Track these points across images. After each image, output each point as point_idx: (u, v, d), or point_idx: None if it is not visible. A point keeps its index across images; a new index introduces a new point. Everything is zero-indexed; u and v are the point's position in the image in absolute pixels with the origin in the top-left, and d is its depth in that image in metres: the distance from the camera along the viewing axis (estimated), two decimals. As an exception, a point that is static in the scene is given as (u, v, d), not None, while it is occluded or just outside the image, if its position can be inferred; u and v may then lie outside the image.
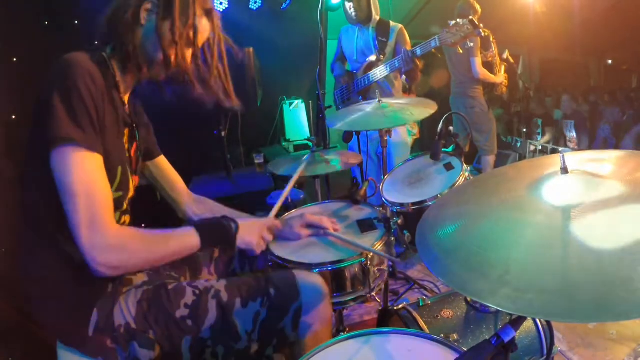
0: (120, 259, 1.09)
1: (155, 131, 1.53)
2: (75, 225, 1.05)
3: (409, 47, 3.13)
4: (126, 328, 1.15)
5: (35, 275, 1.15)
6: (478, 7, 3.89)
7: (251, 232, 1.37)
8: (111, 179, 1.16)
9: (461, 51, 2.73)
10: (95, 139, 1.09)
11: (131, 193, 1.31)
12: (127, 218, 1.31)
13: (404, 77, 3.31)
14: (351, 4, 3.13)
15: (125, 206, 1.28)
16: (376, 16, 3.19)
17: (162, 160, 1.56)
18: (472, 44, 2.63)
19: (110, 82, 1.20)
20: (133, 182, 1.33)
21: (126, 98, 1.30)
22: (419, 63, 2.98)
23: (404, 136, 3.39)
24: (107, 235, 1.07)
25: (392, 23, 3.21)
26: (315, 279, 1.31)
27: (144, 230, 1.18)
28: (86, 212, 1.05)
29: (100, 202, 1.08)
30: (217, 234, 1.30)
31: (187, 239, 1.23)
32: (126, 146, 1.29)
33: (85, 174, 1.06)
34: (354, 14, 3.15)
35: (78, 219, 1.05)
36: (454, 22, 2.56)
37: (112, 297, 1.17)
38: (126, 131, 1.28)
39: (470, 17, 2.57)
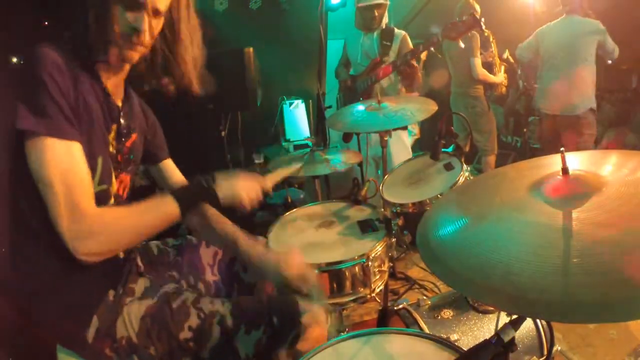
0: (101, 245, 1.07)
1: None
2: (54, 215, 1.03)
3: None
4: (128, 341, 1.14)
5: (30, 276, 1.14)
6: (477, 7, 3.89)
7: (237, 186, 1.30)
8: (91, 170, 1.13)
9: (463, 45, 2.75)
10: (67, 127, 1.06)
11: (115, 188, 1.27)
12: None
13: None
14: (374, 12, 3.16)
15: (111, 201, 1.25)
16: (383, 23, 3.26)
17: (168, 164, 1.53)
18: (472, 43, 2.67)
19: (87, 71, 1.16)
20: (120, 181, 1.29)
21: (115, 91, 1.25)
22: (414, 64, 3.00)
23: (403, 138, 3.41)
24: (88, 223, 1.05)
25: (396, 30, 3.28)
26: (316, 310, 1.30)
27: (121, 209, 1.15)
28: (64, 201, 1.03)
29: (79, 190, 1.05)
30: (194, 191, 1.25)
31: (165, 209, 1.18)
32: (113, 142, 1.25)
33: (59, 162, 1.04)
34: (370, 23, 3.21)
35: (56, 209, 1.03)
36: (457, 18, 2.60)
37: (115, 308, 1.16)
38: (114, 127, 1.25)
39: (472, 12, 2.61)
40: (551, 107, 3.73)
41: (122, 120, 1.29)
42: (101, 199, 1.18)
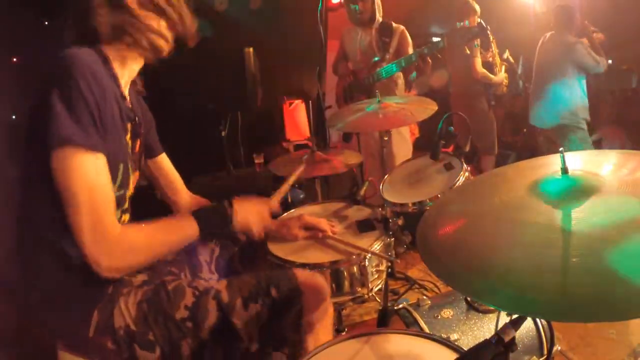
0: (124, 262, 1.09)
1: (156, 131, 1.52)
2: (78, 231, 1.02)
3: (410, 48, 3.15)
4: (126, 330, 1.13)
5: (34, 277, 1.14)
6: (477, 7, 3.89)
7: (250, 215, 1.35)
8: (113, 178, 1.13)
9: (468, 52, 2.77)
10: (97, 139, 1.06)
11: (131, 191, 1.29)
12: (127, 217, 1.29)
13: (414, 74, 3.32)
14: (356, 5, 3.15)
15: (126, 204, 1.26)
16: (379, 17, 3.22)
17: (164, 159, 1.53)
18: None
19: (110, 76, 1.17)
20: (134, 178, 1.31)
21: (126, 91, 1.27)
22: (429, 60, 3.00)
23: (405, 135, 3.41)
24: (111, 240, 1.05)
25: (394, 24, 3.24)
26: (316, 279, 1.30)
27: (144, 225, 1.17)
28: (89, 217, 1.03)
29: (103, 206, 1.05)
30: (214, 219, 1.29)
31: (187, 230, 1.22)
32: (130, 143, 1.27)
33: (87, 177, 1.03)
34: (358, 15, 3.17)
35: (81, 225, 1.02)
36: (461, 23, 2.60)
37: (112, 298, 1.16)
38: (129, 126, 1.26)
39: (480, 20, 2.61)
40: (538, 122, 3.98)
41: (136, 118, 1.30)
42: (117, 203, 1.18)
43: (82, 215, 1.02)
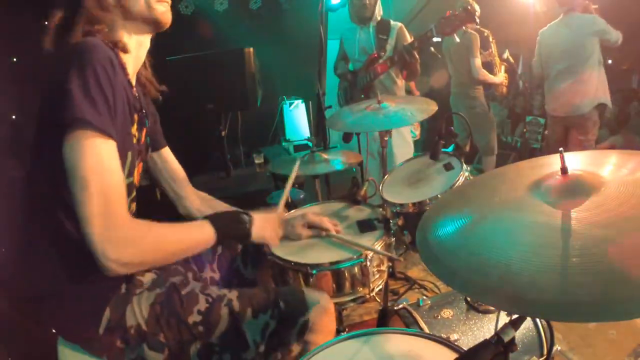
0: (133, 255, 1.03)
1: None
2: (85, 216, 0.97)
3: None
4: (137, 329, 1.14)
5: (40, 272, 1.13)
6: (477, 7, 3.89)
7: (266, 225, 1.36)
8: (122, 165, 1.11)
9: (458, 40, 2.77)
10: (111, 124, 1.04)
11: (136, 180, 1.29)
12: (134, 206, 1.29)
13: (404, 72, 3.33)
14: (359, 2, 3.16)
15: (134, 193, 1.26)
16: (378, 16, 3.23)
17: (167, 152, 1.53)
18: (472, 43, 2.70)
19: (119, 63, 1.16)
20: (138, 169, 1.31)
21: (133, 80, 1.27)
22: (416, 56, 2.98)
23: (406, 136, 3.41)
24: (121, 228, 1.01)
25: (392, 22, 3.25)
26: (321, 296, 1.32)
27: (157, 223, 1.11)
28: (99, 201, 0.98)
29: (114, 191, 1.01)
30: (232, 227, 1.27)
31: (202, 234, 1.19)
32: (136, 134, 1.26)
33: (99, 160, 1.00)
34: (361, 12, 3.18)
35: (90, 209, 0.97)
36: (449, 12, 2.61)
37: (125, 298, 1.16)
38: (136, 117, 1.26)
39: (466, 6, 2.62)
40: (558, 110, 3.81)
41: (142, 110, 1.30)
42: (127, 191, 1.16)
43: (92, 200, 0.98)
